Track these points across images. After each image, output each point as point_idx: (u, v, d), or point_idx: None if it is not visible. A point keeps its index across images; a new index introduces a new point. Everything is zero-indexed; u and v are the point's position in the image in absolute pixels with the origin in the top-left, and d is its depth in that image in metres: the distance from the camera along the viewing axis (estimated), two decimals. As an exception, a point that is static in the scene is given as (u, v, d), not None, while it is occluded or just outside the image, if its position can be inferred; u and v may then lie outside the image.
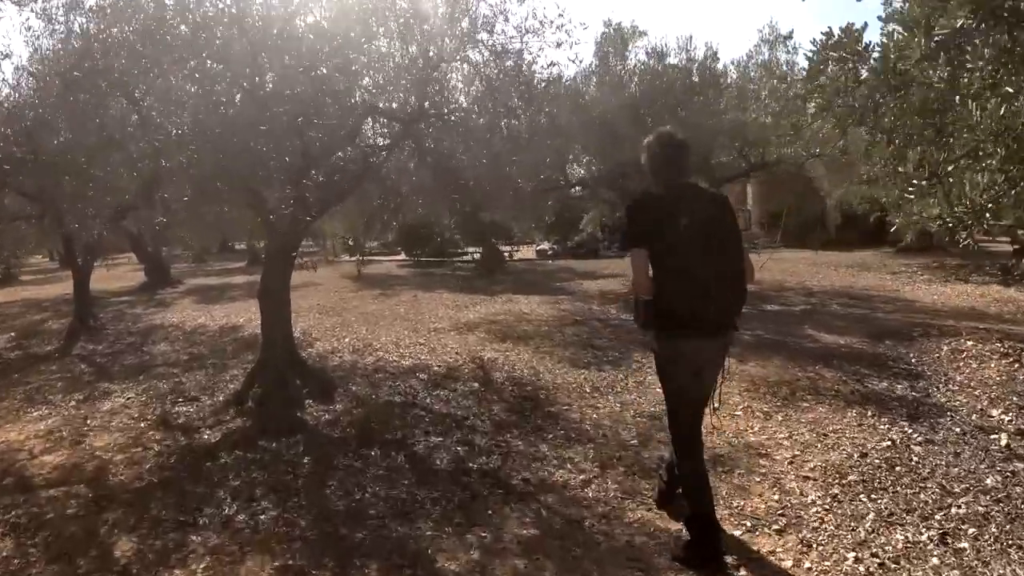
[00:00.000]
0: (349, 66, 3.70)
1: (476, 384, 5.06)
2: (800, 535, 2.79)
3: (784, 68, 8.16)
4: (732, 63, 8.79)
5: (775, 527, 2.85)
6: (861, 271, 11.60)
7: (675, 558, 2.58)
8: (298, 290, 12.16)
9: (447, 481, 3.28)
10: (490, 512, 2.96)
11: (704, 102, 7.88)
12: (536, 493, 3.14)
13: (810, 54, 4.78)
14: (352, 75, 3.76)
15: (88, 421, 4.71)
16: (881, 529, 2.83)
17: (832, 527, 2.86)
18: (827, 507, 3.03)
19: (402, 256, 19.26)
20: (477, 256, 16.43)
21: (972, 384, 4.72)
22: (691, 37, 13.11)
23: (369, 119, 4.42)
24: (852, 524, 2.88)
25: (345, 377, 5.44)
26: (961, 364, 5.17)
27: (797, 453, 3.62)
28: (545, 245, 20.32)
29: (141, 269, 14.72)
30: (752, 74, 8.37)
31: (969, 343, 5.64)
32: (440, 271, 15.25)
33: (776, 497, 3.12)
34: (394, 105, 4.09)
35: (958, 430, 3.91)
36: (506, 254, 16.07)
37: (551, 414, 4.27)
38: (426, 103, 3.86)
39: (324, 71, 3.54)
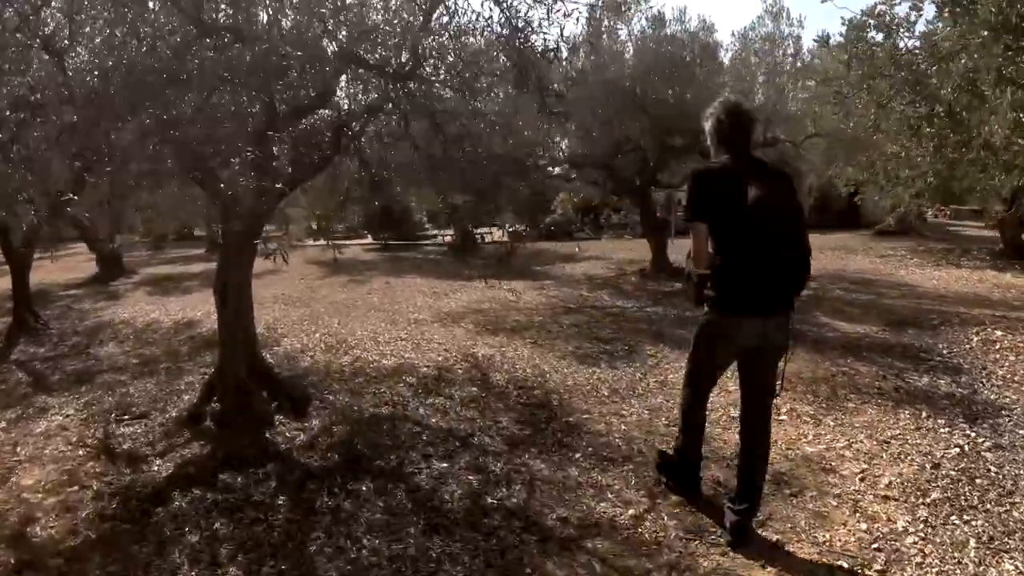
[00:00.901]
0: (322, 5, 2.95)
1: (474, 389, 4.41)
2: (906, 575, 2.30)
3: (788, 42, 7.67)
4: (733, 35, 8.26)
5: (876, 567, 2.37)
6: (848, 254, 11.36)
7: (656, 467, 2.96)
8: (260, 278, 11.26)
9: (465, 526, 2.62)
10: (529, 571, 2.32)
11: (706, 74, 7.32)
12: (580, 538, 2.52)
13: (851, 18, 4.27)
14: (325, 15, 3.01)
15: (18, 449, 3.87)
16: (988, 559, 2.43)
17: (937, 561, 2.42)
18: (922, 535, 2.59)
19: (368, 240, 18.30)
20: (448, 239, 15.62)
21: (1016, 379, 4.36)
22: (685, 8, 12.47)
23: (347, 74, 3.66)
24: (956, 555, 2.46)
25: (320, 383, 4.72)
26: (998, 357, 4.81)
27: (865, 467, 3.14)
28: (519, 227, 19.59)
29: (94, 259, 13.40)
30: (755, 47, 7.84)
31: (998, 333, 5.30)
32: (411, 255, 14.43)
33: (863, 526, 2.63)
34: (380, 54, 3.32)
35: (1023, 432, 3.52)
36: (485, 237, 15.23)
37: (571, 426, 3.66)
38: (420, 51, 3.12)
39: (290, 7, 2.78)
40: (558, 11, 2.64)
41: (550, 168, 9.82)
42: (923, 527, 2.64)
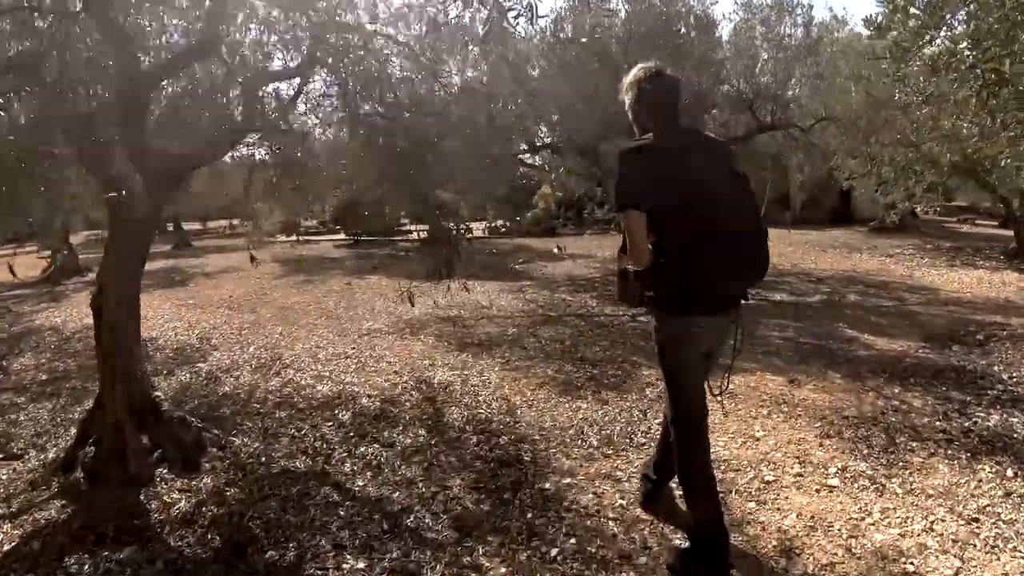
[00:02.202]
0: None
1: (423, 433, 3.41)
2: None
3: (799, 11, 6.79)
4: (736, 2, 7.35)
5: None
6: (851, 252, 10.54)
7: (671, 569, 2.17)
8: (214, 277, 10.31)
9: None
10: None
11: (703, 49, 6.40)
12: None
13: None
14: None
15: None
16: None
17: None
18: None
19: (341, 236, 17.19)
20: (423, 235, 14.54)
21: (1104, 414, 3.48)
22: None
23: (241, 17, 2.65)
24: None
25: (231, 418, 3.72)
26: (1071, 382, 3.94)
27: (959, 565, 2.21)
28: (498, 222, 18.61)
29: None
30: (760, 16, 6.93)
31: (1061, 350, 4.45)
32: (383, 252, 13.36)
33: None
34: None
35: None
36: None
37: (547, 498, 2.66)
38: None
39: None
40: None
41: (528, 156, 8.85)
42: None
